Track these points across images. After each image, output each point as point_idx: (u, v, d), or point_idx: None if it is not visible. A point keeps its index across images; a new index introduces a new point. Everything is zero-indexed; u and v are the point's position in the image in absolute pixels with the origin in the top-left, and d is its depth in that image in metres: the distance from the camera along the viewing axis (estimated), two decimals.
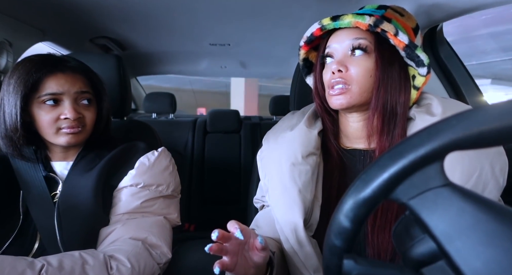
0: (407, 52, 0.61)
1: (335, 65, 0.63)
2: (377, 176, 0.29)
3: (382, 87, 0.62)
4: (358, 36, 0.63)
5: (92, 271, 0.60)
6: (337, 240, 0.32)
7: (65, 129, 0.72)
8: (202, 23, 1.40)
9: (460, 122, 0.27)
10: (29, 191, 0.75)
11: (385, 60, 0.62)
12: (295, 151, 0.67)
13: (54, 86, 0.71)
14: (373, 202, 0.30)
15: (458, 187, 0.28)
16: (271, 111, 2.27)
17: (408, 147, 0.28)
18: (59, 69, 0.73)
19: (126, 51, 1.82)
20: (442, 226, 0.27)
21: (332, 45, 0.66)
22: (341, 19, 0.62)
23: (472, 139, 0.26)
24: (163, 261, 0.72)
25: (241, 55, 2.04)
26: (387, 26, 0.59)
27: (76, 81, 0.74)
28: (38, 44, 1.31)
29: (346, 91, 0.63)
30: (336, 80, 0.63)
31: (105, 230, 0.73)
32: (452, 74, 1.19)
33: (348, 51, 0.64)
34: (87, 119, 0.76)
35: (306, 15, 1.26)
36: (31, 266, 0.55)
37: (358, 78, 0.62)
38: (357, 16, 0.61)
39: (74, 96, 0.73)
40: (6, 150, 0.73)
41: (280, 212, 0.66)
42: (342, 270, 0.32)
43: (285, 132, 0.72)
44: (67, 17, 1.26)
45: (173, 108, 2.20)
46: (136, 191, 0.76)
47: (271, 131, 0.78)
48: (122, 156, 0.80)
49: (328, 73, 0.66)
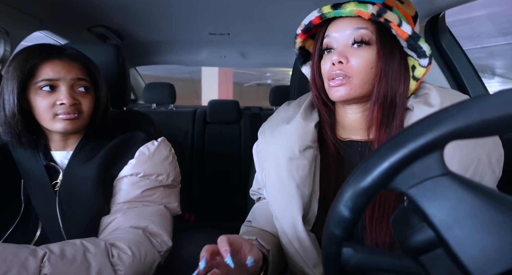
0: (409, 42, 0.59)
1: (336, 56, 0.61)
2: (377, 165, 0.29)
3: (383, 79, 0.61)
4: (360, 25, 0.61)
5: (93, 259, 0.60)
6: (337, 229, 0.32)
7: (61, 115, 0.72)
8: (202, 12, 1.38)
9: (460, 111, 0.27)
10: (29, 180, 0.76)
11: (387, 50, 0.61)
12: (292, 145, 0.66)
13: (50, 72, 0.71)
14: (373, 191, 0.30)
15: (458, 176, 0.28)
16: (271, 101, 2.26)
17: (408, 137, 0.28)
18: (56, 56, 0.73)
19: (125, 40, 1.80)
20: (440, 214, 0.27)
21: (332, 34, 0.63)
22: (342, 7, 0.60)
23: (472, 128, 0.26)
24: (164, 249, 0.73)
25: (241, 45, 2.02)
26: (390, 16, 0.57)
27: (72, 68, 0.74)
28: (37, 34, 1.30)
29: (346, 83, 0.61)
30: (336, 72, 0.61)
31: (106, 219, 0.74)
32: (453, 63, 1.17)
33: (348, 42, 0.62)
34: (83, 106, 0.75)
35: (306, 3, 1.24)
36: (34, 254, 0.56)
37: (359, 70, 0.61)
38: (359, 5, 0.59)
39: (71, 83, 0.73)
40: (6, 137, 0.74)
41: (279, 208, 0.66)
42: (341, 258, 0.32)
43: (281, 125, 0.70)
44: (64, 5, 1.24)
45: (173, 98, 2.20)
46: (137, 180, 0.77)
47: (267, 123, 0.76)
48: (122, 145, 0.80)
49: (327, 63, 0.63)
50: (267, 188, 0.69)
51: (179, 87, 2.24)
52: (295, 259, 0.63)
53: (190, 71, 7.07)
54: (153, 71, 3.86)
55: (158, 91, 2.19)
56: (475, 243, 0.25)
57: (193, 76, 7.25)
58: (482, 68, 4.37)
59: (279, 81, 7.97)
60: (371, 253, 0.32)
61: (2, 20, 1.08)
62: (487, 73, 4.57)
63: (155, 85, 2.21)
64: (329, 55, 0.64)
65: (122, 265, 0.63)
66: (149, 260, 0.69)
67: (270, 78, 8.40)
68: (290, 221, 0.62)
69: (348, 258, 0.32)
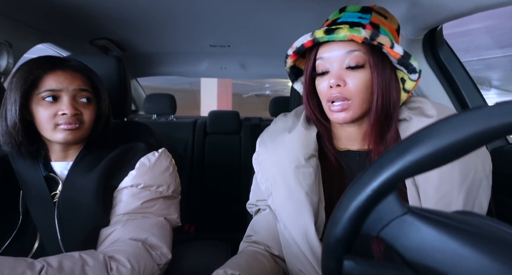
0: (401, 61, 0.61)
1: (333, 79, 0.61)
2: (342, 217, 0.30)
3: (379, 95, 0.63)
4: (352, 48, 0.62)
5: (92, 272, 0.60)
6: (337, 241, 0.32)
7: (62, 125, 0.73)
8: (202, 24, 1.40)
9: (399, 155, 0.28)
10: (29, 191, 0.75)
11: (380, 68, 0.62)
12: (297, 153, 0.66)
13: (53, 83, 0.72)
14: (348, 241, 0.31)
15: (419, 212, 0.29)
16: (271, 112, 2.27)
17: (361, 185, 0.30)
18: (59, 67, 0.74)
19: (126, 52, 1.83)
20: (410, 251, 0.28)
21: (325, 56, 0.64)
22: (336, 33, 0.60)
23: (412, 168, 0.27)
24: (163, 261, 0.72)
25: (241, 56, 2.04)
26: (383, 39, 0.59)
27: (75, 79, 0.75)
28: (39, 47, 1.32)
29: (347, 107, 0.62)
30: (336, 95, 0.62)
31: (105, 230, 0.73)
32: (452, 76, 1.19)
33: (343, 65, 0.63)
34: (85, 116, 0.76)
35: (306, 16, 1.26)
36: (31, 267, 0.55)
37: (357, 91, 0.62)
38: (353, 30, 0.59)
39: (73, 93, 0.74)
40: (6, 147, 0.74)
41: (288, 217, 0.65)
42: (342, 272, 0.32)
43: (282, 134, 0.71)
44: (67, 18, 1.26)
45: (173, 109, 2.21)
46: (137, 191, 0.76)
47: (266, 133, 0.76)
48: (122, 156, 0.80)
49: (323, 84, 0.65)
50: (274, 197, 0.69)
51: (178, 97, 2.25)
52: (305, 269, 0.63)
53: (190, 82, 7.12)
54: (152, 82, 3.89)
55: (159, 102, 2.20)
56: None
57: (193, 87, 7.29)
58: (480, 80, 4.41)
59: (278, 92, 8.03)
60: (373, 266, 0.32)
61: (5, 33, 1.09)
62: (485, 85, 4.61)
63: (156, 96, 2.22)
64: (325, 78, 0.65)
65: None
66: (148, 273, 0.68)
67: (269, 89, 8.47)
68: (302, 230, 0.62)
69: (350, 271, 0.32)
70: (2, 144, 0.74)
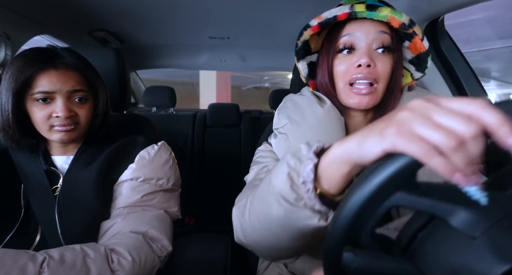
0: (419, 56, 0.59)
1: (365, 58, 0.57)
2: (343, 212, 0.32)
3: (397, 87, 0.60)
4: (384, 29, 0.59)
5: (93, 264, 0.60)
6: (338, 232, 0.32)
7: (57, 127, 0.71)
8: (202, 16, 1.39)
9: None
10: (29, 184, 0.75)
11: (400, 59, 0.60)
12: (338, 131, 0.61)
13: (46, 84, 0.69)
14: (349, 234, 0.32)
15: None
16: (271, 105, 2.27)
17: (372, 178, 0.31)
18: (52, 66, 0.70)
19: (125, 44, 1.81)
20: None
21: (356, 34, 0.59)
22: (378, 11, 0.56)
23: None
24: (164, 254, 0.73)
25: (241, 49, 2.02)
26: (418, 29, 0.57)
27: (68, 79, 0.71)
28: (37, 38, 1.30)
29: (373, 91, 0.59)
30: (363, 76, 0.58)
31: (105, 223, 0.73)
32: (453, 67, 1.18)
33: (372, 44, 0.59)
34: (80, 117, 0.74)
35: (306, 7, 1.25)
36: (33, 259, 0.56)
37: (384, 76, 0.59)
38: (395, 12, 0.56)
39: (67, 95, 0.71)
40: (5, 142, 0.74)
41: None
42: (342, 263, 0.32)
43: (313, 107, 0.63)
44: (65, 10, 1.24)
45: (173, 102, 2.20)
46: (137, 185, 0.77)
47: (289, 110, 0.67)
48: (122, 150, 0.80)
49: (346, 63, 0.60)
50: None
51: (177, 90, 2.24)
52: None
53: (189, 74, 7.08)
54: (151, 74, 3.87)
55: (158, 95, 2.19)
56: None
57: (193, 80, 7.26)
58: (480, 71, 4.39)
59: (277, 84, 8.00)
60: (372, 257, 0.32)
61: (3, 24, 1.08)
62: (486, 76, 4.59)
63: (155, 89, 2.21)
64: (350, 56, 0.61)
65: (122, 271, 0.63)
66: (149, 265, 0.68)
67: (268, 81, 8.43)
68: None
69: (349, 263, 0.32)
70: (1, 138, 0.74)
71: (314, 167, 0.40)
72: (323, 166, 0.39)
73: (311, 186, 0.40)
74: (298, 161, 0.42)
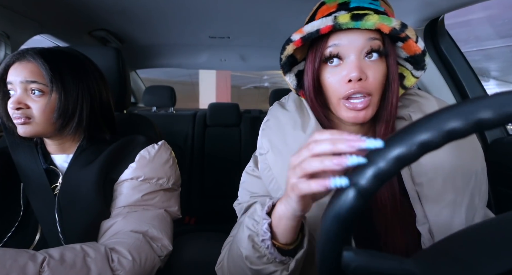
0: (415, 57, 0.58)
1: (355, 72, 0.53)
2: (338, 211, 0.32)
3: (393, 93, 0.58)
4: (373, 35, 0.55)
5: (93, 264, 0.60)
6: (336, 230, 0.32)
7: (14, 120, 0.72)
8: (202, 15, 1.39)
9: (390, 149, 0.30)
10: (29, 183, 0.75)
11: (393, 62, 0.57)
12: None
13: (10, 76, 0.71)
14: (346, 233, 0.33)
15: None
16: (271, 104, 2.26)
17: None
18: (18, 59, 0.72)
19: (125, 44, 1.81)
20: None
21: (342, 43, 0.55)
22: (364, 20, 0.52)
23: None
24: (164, 253, 0.73)
25: (241, 48, 2.02)
26: (410, 32, 0.54)
27: (23, 69, 0.70)
28: (37, 37, 1.30)
29: (369, 105, 0.56)
30: (357, 90, 0.54)
31: (106, 223, 0.73)
32: (453, 66, 1.18)
33: (363, 54, 0.55)
34: (33, 110, 0.71)
35: (306, 7, 1.25)
36: (33, 259, 0.56)
37: (378, 86, 0.56)
38: (383, 18, 0.52)
39: (22, 86, 0.71)
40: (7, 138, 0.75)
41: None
42: (341, 263, 0.32)
43: (294, 133, 0.61)
44: (65, 9, 1.24)
45: (173, 101, 2.20)
46: (137, 184, 0.77)
47: (270, 130, 0.66)
48: (122, 149, 0.80)
49: (336, 77, 0.57)
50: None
51: (177, 90, 2.25)
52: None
53: (189, 74, 7.08)
54: (151, 74, 3.87)
55: (158, 94, 2.19)
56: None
57: (193, 79, 7.26)
58: (479, 71, 4.39)
59: (277, 84, 8.00)
60: (372, 256, 0.32)
61: (3, 24, 1.08)
62: (486, 76, 4.59)
63: (155, 88, 2.21)
64: (339, 69, 0.57)
65: (122, 270, 0.63)
66: (149, 265, 0.68)
67: (268, 81, 8.42)
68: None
69: (349, 262, 0.32)
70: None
71: (268, 225, 0.47)
72: (275, 223, 0.47)
73: (269, 243, 0.47)
74: (255, 222, 0.49)
